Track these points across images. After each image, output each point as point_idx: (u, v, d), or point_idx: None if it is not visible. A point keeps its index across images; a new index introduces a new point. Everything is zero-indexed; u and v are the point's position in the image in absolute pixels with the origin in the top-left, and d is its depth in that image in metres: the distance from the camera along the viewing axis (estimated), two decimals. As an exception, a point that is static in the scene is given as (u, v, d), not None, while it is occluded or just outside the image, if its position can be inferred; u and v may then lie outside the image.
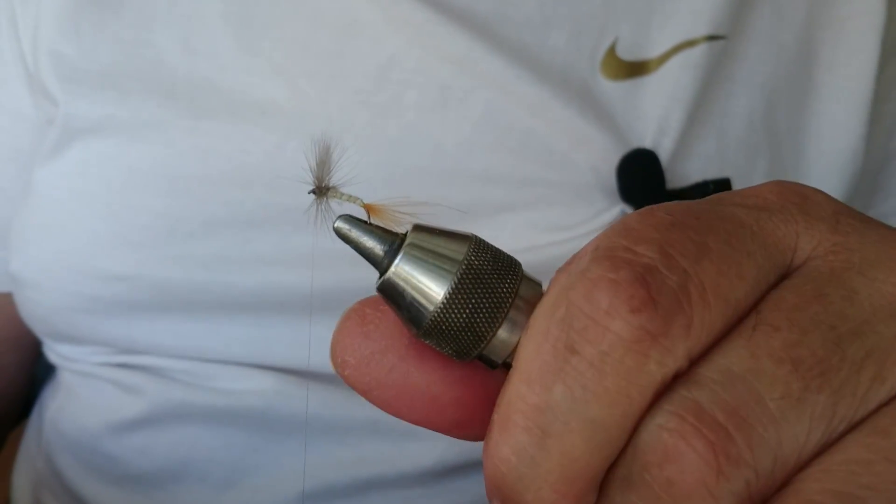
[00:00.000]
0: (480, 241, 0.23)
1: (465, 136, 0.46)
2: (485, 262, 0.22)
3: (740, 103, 0.49)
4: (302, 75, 0.46)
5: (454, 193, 0.46)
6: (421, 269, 0.22)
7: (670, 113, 0.46)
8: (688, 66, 0.47)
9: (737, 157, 0.48)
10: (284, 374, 0.47)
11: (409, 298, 0.22)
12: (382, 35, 0.46)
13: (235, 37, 0.46)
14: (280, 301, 0.46)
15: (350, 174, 0.25)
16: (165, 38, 0.46)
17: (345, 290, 0.40)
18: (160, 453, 0.49)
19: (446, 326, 0.22)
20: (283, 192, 0.44)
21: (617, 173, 0.45)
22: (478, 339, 0.22)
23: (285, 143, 0.45)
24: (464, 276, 0.22)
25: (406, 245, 0.22)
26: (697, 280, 0.19)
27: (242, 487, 0.47)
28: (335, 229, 0.23)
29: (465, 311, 0.22)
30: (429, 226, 0.23)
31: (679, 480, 0.17)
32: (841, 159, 0.50)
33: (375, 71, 0.46)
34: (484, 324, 0.22)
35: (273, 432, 0.48)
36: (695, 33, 0.47)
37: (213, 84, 0.46)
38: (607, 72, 0.47)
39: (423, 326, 0.22)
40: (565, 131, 0.46)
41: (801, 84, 0.50)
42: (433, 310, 0.22)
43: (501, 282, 0.22)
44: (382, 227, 0.23)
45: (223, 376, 0.48)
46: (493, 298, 0.22)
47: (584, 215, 0.45)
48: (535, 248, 0.45)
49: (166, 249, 0.45)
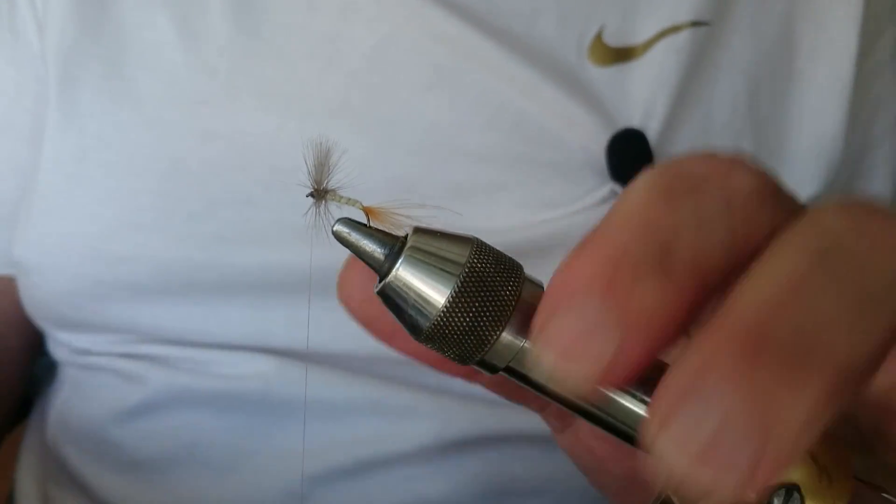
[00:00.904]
0: (482, 243, 0.22)
1: (459, 115, 0.47)
2: (487, 265, 0.22)
3: (724, 88, 0.50)
4: (299, 58, 0.47)
5: (448, 172, 0.46)
6: (422, 273, 0.22)
7: (656, 97, 0.48)
8: (672, 51, 0.48)
9: (721, 140, 0.49)
10: (284, 357, 0.48)
11: (410, 303, 0.22)
12: (376, 18, 0.47)
13: (234, 21, 0.47)
14: (279, 281, 0.47)
15: (349, 175, 0.25)
16: (166, 21, 0.47)
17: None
18: (163, 439, 0.50)
19: (449, 331, 0.21)
20: (282, 172, 0.45)
21: (607, 152, 0.46)
22: (481, 344, 0.22)
23: (283, 123, 0.46)
24: (466, 279, 0.21)
25: (407, 248, 0.22)
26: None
27: (245, 470, 0.48)
28: (334, 233, 0.23)
29: (468, 315, 0.21)
30: (429, 228, 0.23)
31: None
32: (821, 144, 0.51)
33: (370, 52, 0.47)
34: (487, 328, 0.22)
35: (274, 415, 0.48)
36: (679, 19, 0.48)
37: (212, 67, 0.47)
38: (595, 58, 0.48)
39: (425, 331, 0.22)
40: (556, 112, 0.47)
41: (782, 71, 0.51)
42: (435, 314, 0.21)
43: (504, 285, 0.22)
44: (382, 230, 0.23)
45: (223, 361, 0.48)
46: (497, 302, 0.22)
47: (575, 193, 0.47)
48: (527, 226, 0.46)
49: (167, 230, 0.46)
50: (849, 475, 0.23)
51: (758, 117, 0.51)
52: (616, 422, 0.23)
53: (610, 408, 0.21)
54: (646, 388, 0.21)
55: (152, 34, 0.48)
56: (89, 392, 0.53)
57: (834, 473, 0.23)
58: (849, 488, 0.23)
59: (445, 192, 0.46)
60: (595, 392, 0.18)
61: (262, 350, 0.48)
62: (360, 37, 0.47)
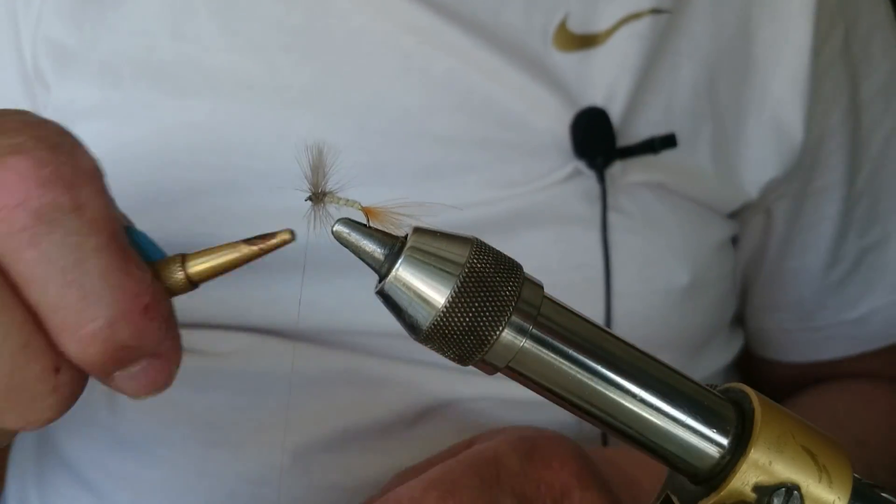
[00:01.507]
0: (481, 243, 0.22)
1: (428, 101, 0.48)
2: (487, 265, 0.22)
3: (684, 74, 0.51)
4: (277, 50, 0.49)
5: (417, 155, 0.48)
6: (422, 273, 0.22)
7: (619, 80, 0.49)
8: (634, 37, 0.50)
9: (682, 123, 0.51)
10: (263, 334, 0.49)
11: (410, 302, 0.22)
12: (349, 11, 0.49)
13: (218, 19, 0.49)
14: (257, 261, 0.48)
15: (345, 176, 0.25)
16: (157, 27, 0.49)
17: (323, 247, 0.42)
18: (146, 419, 0.50)
19: (449, 331, 0.21)
20: (261, 157, 0.47)
21: (571, 130, 0.48)
22: (481, 343, 0.22)
23: (262, 112, 0.48)
24: (466, 279, 0.21)
25: (407, 248, 0.22)
26: None
27: (227, 445, 0.49)
28: (334, 233, 0.23)
29: (467, 314, 0.21)
30: (429, 228, 0.22)
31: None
32: (780, 131, 0.53)
33: (343, 44, 0.49)
34: (487, 327, 0.21)
35: (254, 391, 0.49)
36: (640, 7, 0.50)
37: (197, 64, 0.49)
38: (559, 44, 0.50)
39: (424, 331, 0.22)
40: (521, 96, 0.48)
41: (741, 59, 0.53)
42: (435, 314, 0.21)
43: (504, 285, 0.22)
44: (382, 230, 0.23)
45: (202, 339, 0.49)
46: (496, 302, 0.21)
47: (540, 171, 0.48)
48: (493, 202, 0.48)
49: (150, 215, 0.47)
50: (848, 475, 0.23)
51: (717, 102, 0.52)
52: (618, 422, 0.23)
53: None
54: None
55: (146, 40, 0.49)
56: None
57: (834, 473, 0.23)
58: (849, 488, 0.23)
59: (415, 174, 0.48)
60: None
61: (241, 328, 0.49)
62: (334, 30, 0.49)
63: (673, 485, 0.25)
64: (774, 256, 0.59)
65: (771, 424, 0.23)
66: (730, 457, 0.23)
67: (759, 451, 0.23)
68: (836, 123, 0.55)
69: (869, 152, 0.57)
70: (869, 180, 0.57)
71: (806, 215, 0.57)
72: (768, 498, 0.23)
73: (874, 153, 0.57)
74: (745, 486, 0.23)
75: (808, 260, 0.58)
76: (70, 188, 0.23)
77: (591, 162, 0.47)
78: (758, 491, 0.23)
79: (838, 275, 0.59)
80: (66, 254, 0.23)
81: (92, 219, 0.23)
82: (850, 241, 0.58)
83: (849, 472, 0.23)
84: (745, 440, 0.23)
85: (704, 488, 0.24)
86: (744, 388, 0.25)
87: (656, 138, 0.49)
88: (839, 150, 0.56)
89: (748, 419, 0.24)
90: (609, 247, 0.47)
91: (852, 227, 0.58)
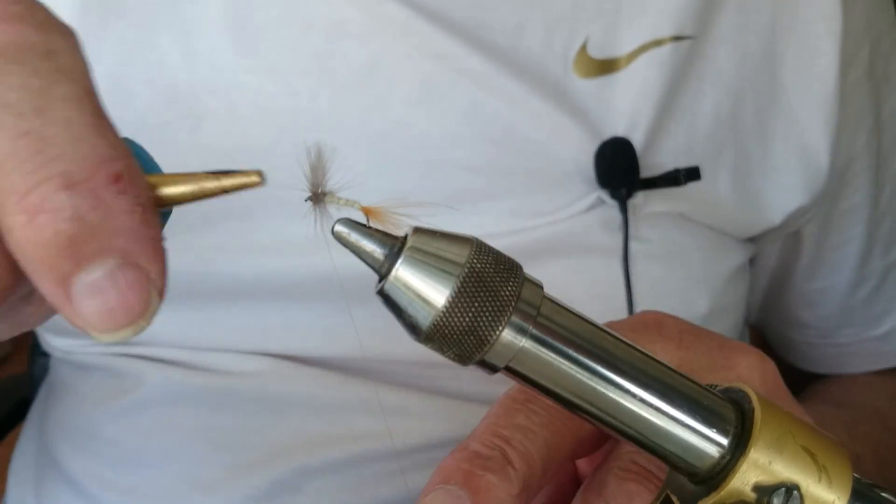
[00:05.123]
0: (481, 243, 0.22)
1: (449, 128, 0.47)
2: (486, 265, 0.22)
3: (708, 101, 0.51)
4: (294, 74, 0.47)
5: (439, 183, 0.47)
6: (422, 273, 0.22)
7: (640, 108, 0.49)
8: (655, 64, 0.49)
9: (704, 151, 0.50)
10: (280, 358, 0.49)
11: (410, 302, 0.22)
12: (368, 35, 0.47)
13: (233, 39, 0.47)
14: (276, 288, 0.48)
15: (345, 177, 0.25)
16: (168, 40, 0.47)
17: (346, 279, 0.42)
18: (156, 436, 0.50)
19: (449, 331, 0.21)
20: (278, 184, 0.45)
21: (595, 160, 0.48)
22: (481, 344, 0.22)
23: (279, 137, 0.47)
24: (466, 279, 0.21)
25: (407, 249, 0.22)
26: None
27: (238, 466, 0.48)
28: (334, 233, 0.23)
29: (467, 314, 0.21)
30: (429, 228, 0.22)
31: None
32: (807, 156, 0.52)
33: (362, 68, 0.47)
34: (487, 327, 0.21)
35: (268, 412, 0.49)
36: (661, 33, 0.49)
37: (212, 84, 0.47)
38: (579, 70, 0.49)
39: (424, 331, 0.22)
40: (543, 124, 0.48)
41: (766, 84, 0.52)
42: (435, 314, 0.21)
43: (504, 285, 0.22)
44: (382, 230, 0.23)
45: (220, 361, 0.49)
46: (496, 302, 0.21)
47: (563, 201, 0.48)
48: (517, 232, 0.47)
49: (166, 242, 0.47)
50: (848, 475, 0.23)
51: (741, 129, 0.52)
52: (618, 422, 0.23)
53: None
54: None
55: (155, 53, 0.48)
56: (84, 389, 0.53)
57: (833, 473, 0.23)
58: (848, 488, 0.23)
59: (436, 202, 0.46)
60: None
61: (259, 353, 0.49)
62: (352, 53, 0.47)
63: (673, 484, 0.25)
64: (801, 277, 0.59)
65: (771, 424, 0.23)
66: (730, 457, 0.23)
67: (758, 451, 0.23)
68: (862, 145, 0.55)
69: (891, 170, 0.57)
70: (891, 198, 0.57)
71: (833, 236, 0.57)
72: (768, 498, 0.23)
73: (895, 171, 0.57)
74: (745, 485, 0.23)
75: (834, 280, 0.58)
76: (42, 29, 0.20)
77: (614, 192, 0.47)
78: (758, 491, 0.23)
79: (864, 293, 0.59)
80: (26, 98, 0.19)
81: (63, 66, 0.20)
82: (875, 259, 0.58)
83: (848, 471, 0.23)
84: (745, 440, 0.23)
85: (704, 488, 0.24)
86: (744, 388, 0.25)
87: (681, 171, 0.48)
88: (865, 171, 0.56)
89: (748, 419, 0.24)
90: (630, 276, 0.47)
91: (877, 245, 0.58)
